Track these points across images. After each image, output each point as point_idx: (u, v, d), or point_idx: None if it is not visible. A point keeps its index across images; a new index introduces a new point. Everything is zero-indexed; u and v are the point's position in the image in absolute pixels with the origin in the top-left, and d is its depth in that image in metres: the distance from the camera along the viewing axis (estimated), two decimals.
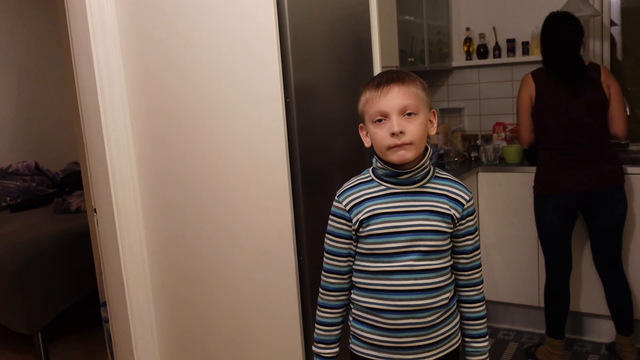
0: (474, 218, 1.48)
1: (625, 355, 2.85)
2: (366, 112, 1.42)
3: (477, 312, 1.52)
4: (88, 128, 2.14)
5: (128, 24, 2.08)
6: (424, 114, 1.40)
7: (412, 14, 3.32)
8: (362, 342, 1.50)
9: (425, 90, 1.42)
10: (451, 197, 1.44)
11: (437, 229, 1.41)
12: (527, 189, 3.21)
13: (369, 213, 1.43)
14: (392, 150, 1.37)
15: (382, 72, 1.46)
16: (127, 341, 2.22)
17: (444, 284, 1.45)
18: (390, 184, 1.44)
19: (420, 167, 1.42)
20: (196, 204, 2.06)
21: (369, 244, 1.44)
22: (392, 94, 1.37)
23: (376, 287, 1.44)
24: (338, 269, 1.51)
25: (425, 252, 1.41)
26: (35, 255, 3.31)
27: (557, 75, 2.72)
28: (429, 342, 1.45)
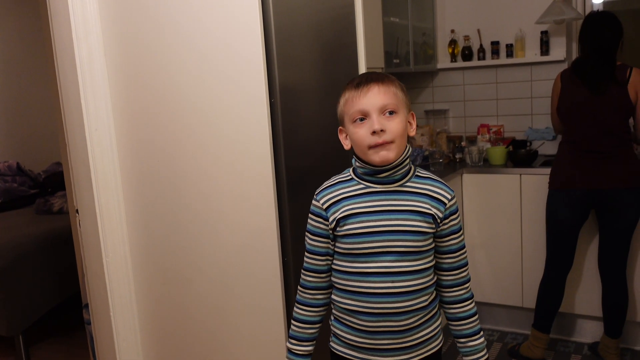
0: (457, 217, 1.46)
1: (609, 357, 2.88)
2: (346, 113, 1.41)
3: (468, 310, 1.50)
4: (70, 128, 2.12)
5: (111, 24, 2.06)
6: (403, 113, 1.40)
7: (397, 15, 3.33)
8: (342, 342, 1.50)
9: (404, 91, 1.43)
10: (433, 196, 1.42)
11: (416, 229, 1.39)
12: (511, 190, 3.24)
13: (346, 212, 1.41)
14: (374, 150, 1.36)
15: (361, 74, 1.46)
16: (110, 343, 2.20)
17: (423, 286, 1.42)
18: (370, 183, 1.43)
19: (400, 166, 1.41)
20: (180, 204, 2.05)
21: (346, 244, 1.42)
22: (372, 92, 1.37)
23: (353, 289, 1.43)
24: (316, 267, 1.50)
25: (402, 252, 1.39)
26: (17, 257, 3.26)
27: (583, 74, 2.73)
28: (407, 345, 1.44)
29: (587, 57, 2.74)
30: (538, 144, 3.54)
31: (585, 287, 3.08)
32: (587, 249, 3.03)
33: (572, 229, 2.81)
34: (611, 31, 2.70)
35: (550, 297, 2.89)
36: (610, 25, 2.71)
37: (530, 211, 3.18)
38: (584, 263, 3.06)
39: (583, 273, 3.07)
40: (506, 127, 3.79)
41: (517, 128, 3.75)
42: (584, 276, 3.07)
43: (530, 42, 3.62)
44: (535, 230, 3.17)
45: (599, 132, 2.70)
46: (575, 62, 2.79)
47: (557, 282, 2.88)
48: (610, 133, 2.69)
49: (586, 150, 2.72)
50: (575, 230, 2.82)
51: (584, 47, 2.77)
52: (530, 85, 3.68)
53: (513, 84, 3.73)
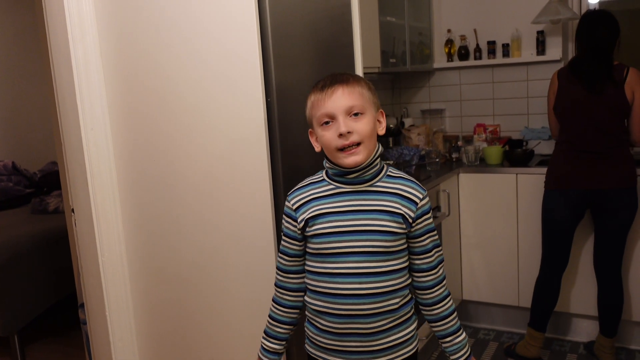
0: (430, 216, 1.44)
1: (604, 356, 2.88)
2: (313, 116, 1.41)
3: (450, 306, 1.49)
4: (66, 127, 2.12)
5: (107, 23, 2.05)
6: (371, 113, 1.39)
7: (393, 15, 3.34)
8: (313, 343, 1.50)
9: (372, 90, 1.42)
10: (404, 195, 1.40)
11: (385, 229, 1.37)
12: (508, 190, 3.24)
13: (315, 212, 1.42)
14: (343, 155, 1.36)
15: (327, 76, 1.44)
16: (106, 343, 2.19)
17: (392, 288, 1.40)
18: (339, 184, 1.43)
19: (370, 166, 1.40)
20: (176, 203, 2.05)
21: (314, 244, 1.42)
22: (337, 95, 1.36)
23: (322, 289, 1.42)
24: (284, 267, 1.52)
25: (370, 252, 1.37)
26: (13, 256, 3.25)
27: (580, 73, 2.72)
28: (376, 349, 1.42)
29: (584, 56, 2.73)
30: (534, 144, 3.54)
31: (580, 286, 3.09)
32: (582, 248, 3.04)
33: (567, 228, 2.82)
34: (608, 30, 2.69)
35: (546, 296, 2.90)
36: (607, 24, 2.70)
37: (527, 211, 3.19)
38: (580, 262, 3.07)
39: (578, 272, 3.08)
40: (502, 126, 3.80)
41: (514, 128, 3.76)
42: (580, 275, 3.08)
43: (526, 42, 3.63)
44: (531, 230, 3.18)
45: (595, 132, 2.70)
46: (572, 62, 2.79)
47: (553, 282, 2.89)
48: (606, 133, 2.69)
49: (582, 150, 2.73)
50: (571, 229, 2.82)
51: (581, 46, 2.77)
52: (527, 85, 3.69)
53: (509, 83, 3.74)
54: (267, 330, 1.58)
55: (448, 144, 3.71)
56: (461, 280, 3.44)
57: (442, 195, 3.14)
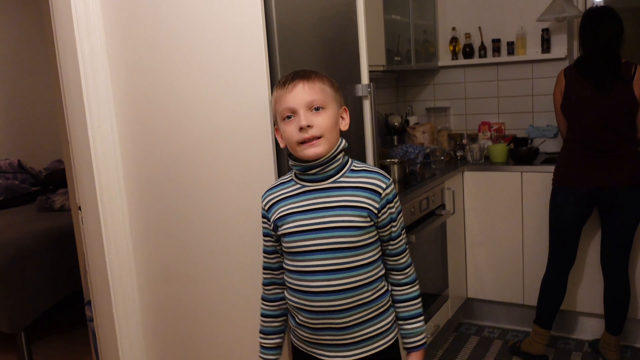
0: (394, 204, 1.45)
1: (609, 354, 2.88)
2: (277, 111, 1.44)
3: (406, 294, 1.50)
4: (73, 125, 2.12)
5: (113, 20, 2.06)
6: (333, 108, 1.42)
7: (398, 13, 3.33)
8: (295, 335, 1.55)
9: (334, 87, 1.45)
10: (367, 188, 1.41)
11: (350, 224, 1.39)
12: (513, 188, 3.24)
13: (282, 213, 1.46)
14: (303, 147, 1.39)
15: (290, 72, 1.47)
16: (112, 340, 2.20)
17: (363, 282, 1.42)
18: (305, 182, 1.46)
19: (331, 161, 1.42)
20: (183, 201, 2.05)
21: (285, 243, 1.47)
22: (297, 89, 1.39)
23: (296, 287, 1.46)
24: (268, 265, 1.58)
25: (336, 249, 1.39)
26: (18, 254, 3.27)
27: (587, 71, 2.71)
28: (351, 341, 1.44)
29: (591, 54, 2.72)
30: (539, 142, 3.54)
31: (586, 284, 3.09)
32: (589, 246, 3.04)
33: (575, 226, 2.81)
34: (613, 27, 2.67)
35: (553, 294, 2.89)
36: (611, 21, 2.68)
37: (532, 209, 3.19)
38: (586, 260, 3.06)
39: (585, 270, 3.08)
40: (507, 124, 3.79)
41: (519, 126, 3.75)
42: (586, 273, 3.08)
43: (531, 40, 3.63)
44: (536, 228, 3.18)
45: (603, 130, 2.69)
46: (579, 60, 2.77)
47: (560, 279, 2.88)
48: (614, 131, 2.68)
49: (590, 149, 2.72)
50: (578, 227, 2.82)
51: (587, 44, 2.75)
52: (532, 82, 3.68)
53: (514, 81, 3.73)
54: (264, 329, 1.62)
55: (453, 142, 3.71)
56: (466, 278, 3.44)
57: (446, 193, 3.14)
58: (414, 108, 4.07)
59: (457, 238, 3.31)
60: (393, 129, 3.71)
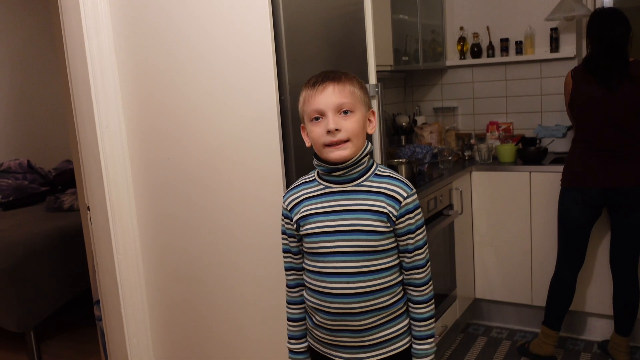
0: (414, 216, 1.42)
1: (618, 355, 2.86)
2: (304, 112, 1.43)
3: (419, 313, 1.46)
4: (81, 125, 2.14)
5: (122, 21, 2.07)
6: (361, 112, 1.41)
7: (406, 13, 3.33)
8: (312, 336, 1.54)
9: (363, 89, 1.44)
10: (388, 194, 1.40)
11: (370, 228, 1.39)
12: (521, 188, 3.23)
13: (305, 213, 1.45)
14: (329, 149, 1.38)
15: (320, 72, 1.46)
16: (121, 339, 2.21)
17: (382, 287, 1.41)
18: (328, 183, 1.45)
19: (356, 164, 1.41)
20: (191, 201, 2.06)
21: (307, 244, 1.46)
22: (328, 92, 1.38)
23: (315, 287, 1.46)
24: (293, 265, 1.55)
25: (357, 252, 1.39)
26: (28, 254, 3.29)
27: (595, 70, 2.70)
28: (367, 344, 1.44)
29: (598, 53, 2.71)
30: (548, 142, 3.52)
31: (595, 285, 3.07)
32: (598, 246, 3.02)
33: (584, 226, 2.80)
34: (620, 27, 2.67)
35: (561, 295, 2.88)
36: (618, 21, 2.69)
37: (540, 209, 3.17)
38: (595, 261, 3.04)
39: (594, 271, 3.06)
40: (515, 124, 3.78)
41: (527, 125, 3.74)
42: (595, 274, 3.06)
43: (539, 39, 3.61)
44: (545, 228, 3.16)
45: (612, 130, 2.68)
46: (587, 60, 2.77)
47: (569, 280, 2.87)
48: (623, 131, 2.67)
49: (599, 149, 2.70)
50: (588, 228, 2.80)
51: (594, 44, 2.75)
52: (540, 82, 3.67)
53: (522, 81, 3.72)
54: (295, 334, 1.59)
55: (461, 142, 3.70)
56: (474, 279, 3.43)
57: (454, 193, 3.13)
58: (421, 108, 4.06)
59: (465, 238, 3.30)
60: (401, 129, 3.70)
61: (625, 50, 2.68)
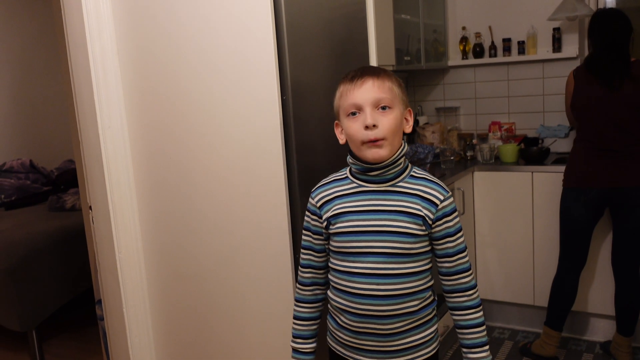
0: (453, 219, 1.39)
1: (621, 355, 2.86)
2: (341, 106, 1.39)
3: (469, 319, 1.41)
4: (84, 125, 2.14)
5: (124, 22, 2.07)
6: (399, 109, 1.36)
7: (408, 12, 3.33)
8: (334, 337, 1.50)
9: (401, 87, 1.39)
10: (424, 197, 1.37)
11: (404, 230, 1.35)
12: (523, 188, 3.23)
13: (336, 211, 1.41)
14: (367, 146, 1.34)
15: (358, 67, 1.42)
16: (123, 339, 2.21)
17: (411, 290, 1.37)
18: (362, 182, 1.41)
19: (392, 165, 1.37)
20: (193, 201, 2.06)
21: (336, 242, 1.42)
22: (367, 86, 1.34)
23: (342, 287, 1.42)
24: (313, 263, 1.51)
25: (389, 254, 1.35)
26: (30, 253, 3.29)
27: (597, 70, 2.70)
28: (393, 349, 1.40)
29: (599, 53, 2.72)
30: (550, 142, 3.52)
31: (597, 285, 3.07)
32: (600, 247, 3.01)
33: (586, 227, 2.79)
34: (621, 27, 2.69)
35: (564, 296, 2.87)
36: (620, 21, 2.70)
37: (542, 209, 3.17)
38: (597, 261, 3.04)
39: (596, 271, 3.06)
40: (518, 124, 3.77)
41: (529, 125, 3.73)
42: (597, 274, 3.06)
43: (542, 39, 3.60)
44: (547, 228, 3.16)
45: (614, 130, 2.68)
46: (589, 59, 2.77)
47: (571, 281, 2.86)
48: (625, 130, 2.67)
49: (601, 149, 2.70)
50: (590, 228, 2.80)
51: (596, 44, 2.75)
52: (542, 82, 3.66)
53: (525, 81, 3.71)
54: (303, 333, 1.54)
55: (463, 142, 3.69)
56: (476, 279, 3.43)
57: (456, 193, 3.13)
58: (423, 108, 4.06)
59: (467, 238, 3.30)
60: None
61: (627, 50, 2.68)
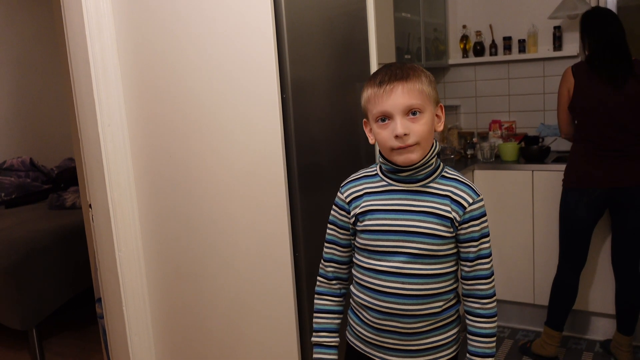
0: (479, 223, 1.36)
1: (621, 354, 2.86)
2: (369, 111, 1.36)
3: (479, 327, 1.39)
4: (83, 123, 2.14)
5: (124, 20, 2.07)
6: (429, 111, 1.33)
7: (408, 11, 3.32)
8: (354, 333, 1.49)
9: (432, 84, 1.34)
10: (453, 198, 1.35)
11: (432, 231, 1.33)
12: (524, 187, 3.22)
13: (365, 208, 1.39)
14: (397, 152, 1.32)
15: (385, 67, 1.36)
16: (122, 337, 2.21)
17: (437, 292, 1.36)
18: (392, 181, 1.39)
19: (423, 166, 1.35)
20: (192, 199, 2.06)
21: (363, 240, 1.41)
22: (396, 94, 1.29)
23: (366, 284, 1.41)
24: (337, 258, 1.49)
25: (415, 254, 1.34)
26: (30, 252, 3.29)
27: (600, 68, 2.68)
28: (414, 349, 1.39)
29: (603, 52, 2.70)
30: (550, 140, 3.51)
31: (598, 284, 3.06)
32: (601, 246, 3.01)
33: (587, 227, 2.78)
34: (618, 26, 2.69)
35: (564, 296, 2.87)
36: (616, 21, 2.70)
37: (543, 207, 3.16)
38: (598, 260, 3.04)
39: (596, 270, 3.05)
40: (518, 123, 3.77)
41: (529, 124, 3.73)
42: (597, 273, 3.06)
43: (542, 38, 3.60)
44: (547, 227, 3.15)
45: (616, 130, 2.66)
46: (591, 58, 2.75)
47: (571, 280, 2.86)
48: (626, 130, 2.66)
49: (603, 149, 2.68)
50: (590, 228, 2.79)
51: (595, 44, 2.73)
52: (543, 80, 3.66)
53: (525, 79, 3.71)
54: (327, 327, 1.51)
55: (463, 141, 3.69)
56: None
57: None
58: None
59: None
60: None
61: (628, 49, 2.67)
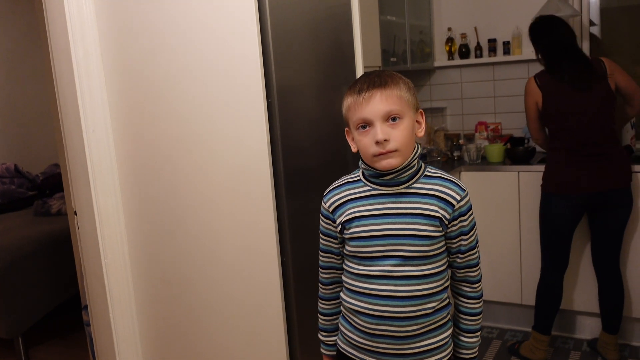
0: (468, 217, 1.39)
1: (608, 353, 2.88)
2: (350, 119, 1.37)
3: (472, 308, 1.47)
4: (68, 129, 2.12)
5: (107, 24, 2.06)
6: (409, 117, 1.34)
7: (394, 14, 3.33)
8: (345, 339, 1.49)
9: (410, 90, 1.36)
10: (440, 197, 1.36)
11: (422, 232, 1.34)
12: (510, 188, 3.24)
13: (350, 215, 1.39)
14: (378, 157, 1.33)
15: (363, 75, 1.39)
16: (109, 345, 2.19)
17: (428, 292, 1.37)
18: (375, 185, 1.39)
19: (405, 168, 1.36)
20: (179, 204, 2.05)
21: (351, 247, 1.41)
22: (375, 100, 1.31)
23: (357, 290, 1.41)
24: (331, 264, 1.52)
25: (406, 257, 1.35)
26: (15, 259, 3.26)
27: (563, 74, 2.70)
28: (408, 352, 1.40)
29: (558, 57, 2.73)
30: None
31: (583, 283, 3.09)
32: (582, 246, 3.03)
33: (568, 231, 2.80)
34: (567, 30, 2.75)
35: (550, 299, 2.88)
36: (561, 23, 2.77)
37: (529, 208, 3.18)
38: (581, 260, 3.06)
39: (580, 270, 3.08)
40: (504, 124, 3.79)
41: (515, 125, 3.75)
42: (581, 273, 3.08)
43: (527, 39, 3.59)
44: (534, 228, 3.17)
45: (591, 133, 2.67)
46: (549, 65, 2.77)
47: (555, 284, 2.87)
48: (599, 132, 2.67)
49: (579, 154, 2.70)
50: (572, 231, 2.81)
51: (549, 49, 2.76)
52: None
53: (510, 81, 3.73)
54: (327, 327, 1.59)
55: (449, 143, 3.71)
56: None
57: None
58: None
59: None
60: None
61: (581, 49, 2.73)
